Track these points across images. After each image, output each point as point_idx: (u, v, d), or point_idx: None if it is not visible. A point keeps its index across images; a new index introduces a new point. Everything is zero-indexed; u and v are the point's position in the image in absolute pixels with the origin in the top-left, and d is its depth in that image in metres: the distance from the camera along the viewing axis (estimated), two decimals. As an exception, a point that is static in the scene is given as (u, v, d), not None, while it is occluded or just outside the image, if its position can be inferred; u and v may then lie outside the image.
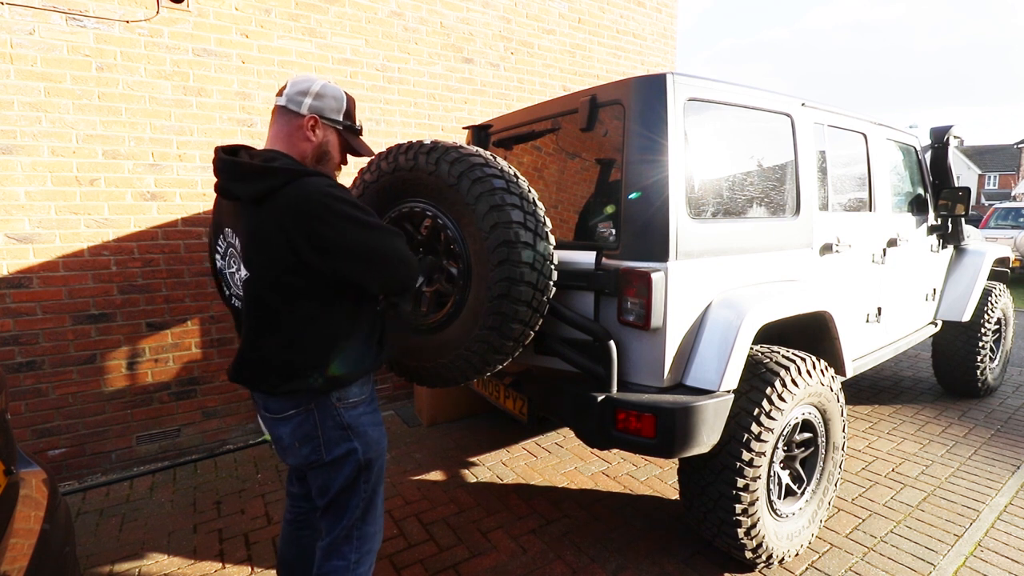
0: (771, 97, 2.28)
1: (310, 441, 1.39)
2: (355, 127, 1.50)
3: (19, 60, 2.59)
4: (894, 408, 3.84)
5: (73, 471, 2.86)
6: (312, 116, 1.39)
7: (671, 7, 5.28)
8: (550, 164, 2.46)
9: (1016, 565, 2.18)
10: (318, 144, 1.42)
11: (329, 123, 1.43)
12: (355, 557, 1.47)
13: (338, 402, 1.40)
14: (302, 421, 1.38)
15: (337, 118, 1.44)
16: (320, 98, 1.40)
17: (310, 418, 1.38)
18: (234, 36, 3.10)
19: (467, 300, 1.89)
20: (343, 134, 1.47)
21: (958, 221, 3.69)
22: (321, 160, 1.44)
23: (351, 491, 1.45)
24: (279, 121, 1.40)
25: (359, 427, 1.43)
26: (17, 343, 2.68)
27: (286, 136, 1.39)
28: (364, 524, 1.49)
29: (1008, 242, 9.30)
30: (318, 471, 1.43)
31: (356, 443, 1.42)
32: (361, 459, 1.44)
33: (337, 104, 1.43)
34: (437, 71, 3.89)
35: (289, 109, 1.38)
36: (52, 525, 1.25)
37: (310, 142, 1.40)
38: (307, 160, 1.40)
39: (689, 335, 1.96)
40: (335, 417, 1.39)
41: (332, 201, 1.25)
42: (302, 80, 1.41)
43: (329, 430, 1.39)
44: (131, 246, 2.92)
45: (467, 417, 3.71)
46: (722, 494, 1.95)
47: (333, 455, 1.40)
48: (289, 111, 1.39)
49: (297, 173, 1.26)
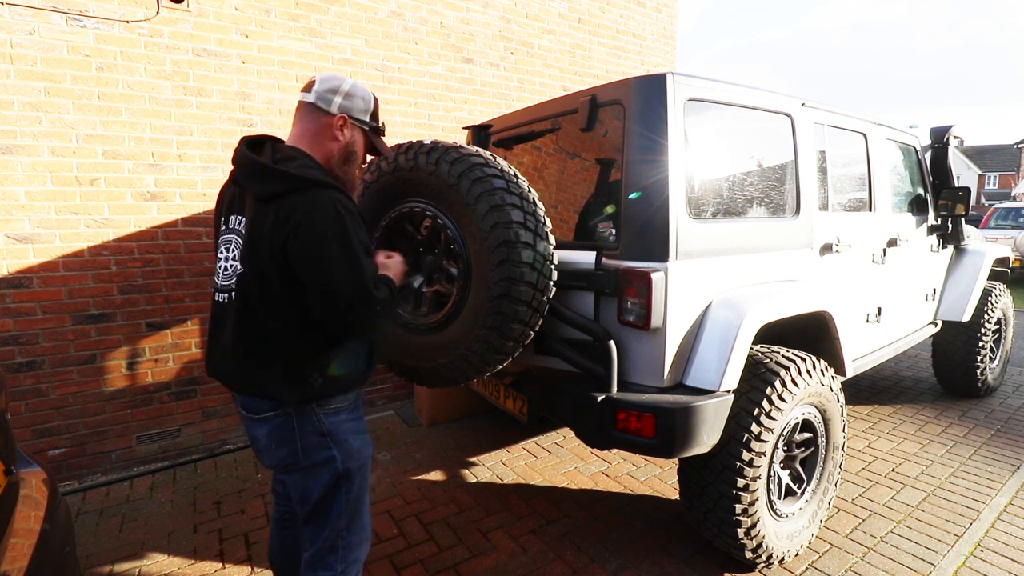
0: (771, 97, 2.28)
1: (286, 444, 1.34)
2: (380, 128, 1.49)
3: (19, 60, 2.59)
4: (894, 408, 3.84)
5: (73, 471, 2.86)
6: (342, 116, 1.37)
7: (671, 7, 5.28)
8: (550, 164, 2.46)
9: (1016, 565, 2.18)
10: (345, 144, 1.40)
11: (357, 123, 1.41)
12: (341, 567, 1.43)
13: (318, 407, 1.34)
14: (280, 424, 1.34)
15: (364, 118, 1.42)
16: (350, 98, 1.38)
17: (288, 421, 1.33)
18: (234, 36, 3.10)
19: (467, 300, 1.89)
20: (368, 134, 1.45)
21: (958, 221, 3.69)
22: (347, 160, 1.42)
23: (332, 500, 1.39)
24: (306, 118, 1.37)
25: (339, 434, 1.37)
26: (17, 343, 2.68)
27: (313, 134, 1.37)
28: (349, 534, 1.43)
29: (1008, 242, 9.30)
30: (295, 476, 1.39)
31: (335, 451, 1.36)
32: (340, 468, 1.38)
33: (365, 104, 1.42)
34: (437, 71, 3.89)
35: (318, 107, 1.36)
36: (52, 525, 1.25)
37: (338, 142, 1.38)
38: (333, 160, 1.39)
39: (689, 335, 1.96)
40: (314, 422, 1.34)
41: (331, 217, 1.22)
42: (332, 78, 1.38)
43: (307, 435, 1.34)
44: (131, 246, 2.92)
45: (467, 417, 3.71)
46: (722, 494, 1.95)
47: (311, 460, 1.35)
48: (318, 109, 1.36)
49: (309, 182, 1.24)
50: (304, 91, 1.39)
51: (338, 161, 1.40)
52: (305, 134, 1.37)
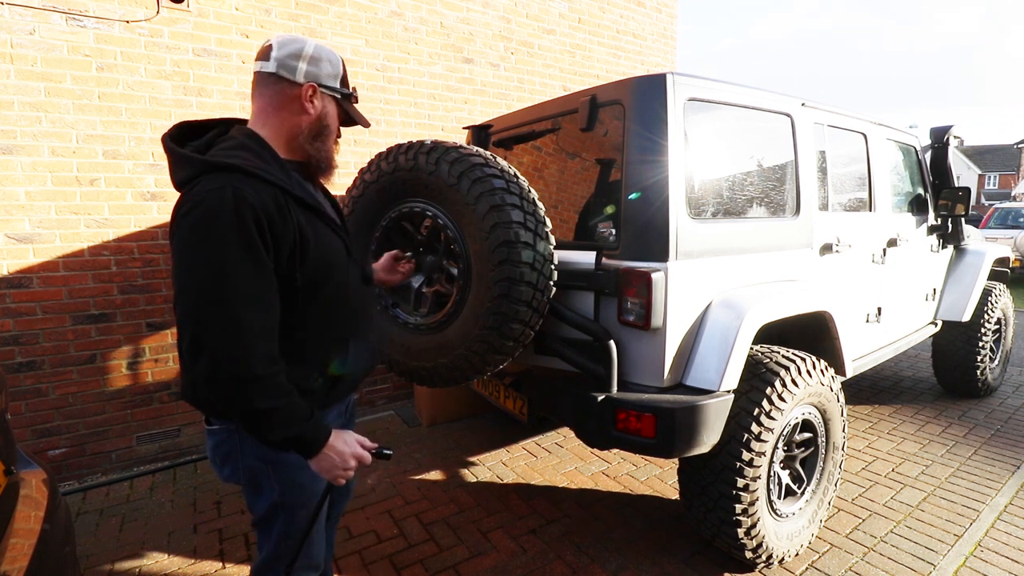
0: (771, 97, 2.28)
1: (228, 463, 1.21)
2: (353, 94, 1.27)
3: (19, 60, 2.59)
4: (894, 408, 3.84)
5: (73, 471, 2.86)
6: (310, 84, 1.16)
7: (671, 7, 5.28)
8: (550, 164, 2.46)
9: (1016, 565, 2.18)
10: (317, 117, 1.19)
11: (327, 91, 1.20)
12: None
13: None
14: (223, 440, 1.19)
15: (335, 84, 1.22)
16: (315, 63, 1.17)
17: (231, 439, 1.18)
18: (234, 36, 3.10)
19: (467, 300, 1.89)
20: (341, 103, 1.25)
21: (958, 221, 3.69)
22: (319, 135, 1.21)
23: (270, 525, 1.24)
24: (266, 92, 1.16)
25: (281, 466, 1.18)
26: (17, 343, 2.68)
27: (276, 109, 1.16)
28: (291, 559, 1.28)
29: (1008, 242, 9.30)
30: (243, 487, 1.25)
31: (275, 482, 1.19)
32: (278, 501, 1.20)
33: (333, 69, 1.21)
34: (437, 71, 3.89)
35: (280, 76, 1.14)
36: (52, 525, 1.25)
37: (308, 115, 1.18)
38: (301, 136, 1.19)
39: (689, 335, 1.96)
40: (256, 447, 1.17)
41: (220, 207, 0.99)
42: (291, 41, 1.16)
43: (247, 457, 1.18)
44: (131, 246, 2.92)
45: (467, 417, 3.71)
46: (722, 494, 1.95)
47: (251, 484, 1.22)
48: (281, 79, 1.15)
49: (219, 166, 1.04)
50: (260, 59, 1.16)
51: (308, 137, 1.19)
52: (266, 109, 1.16)
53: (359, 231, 2.14)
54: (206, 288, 0.99)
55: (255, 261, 1.02)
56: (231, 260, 0.99)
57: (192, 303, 1.00)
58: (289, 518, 1.23)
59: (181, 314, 1.01)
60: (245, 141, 1.12)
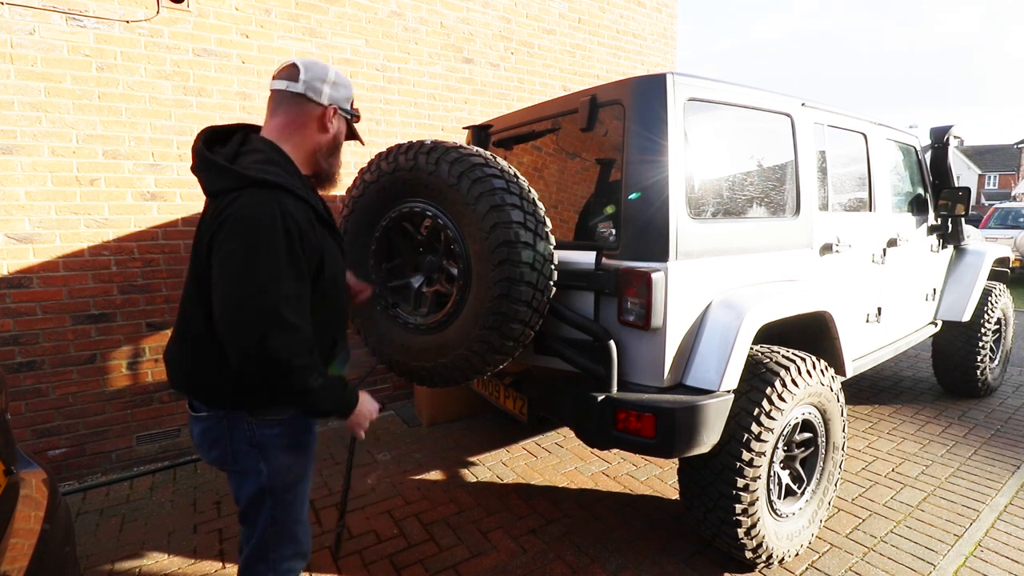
0: (771, 97, 2.28)
1: (217, 447, 1.30)
2: (357, 115, 1.43)
3: (19, 60, 2.59)
4: (894, 408, 3.84)
5: (73, 471, 2.86)
6: (332, 106, 1.31)
7: (671, 7, 5.28)
8: (550, 164, 2.46)
9: (1016, 565, 2.18)
10: (334, 135, 1.34)
11: (343, 113, 1.36)
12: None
13: (251, 417, 1.28)
14: (213, 425, 1.29)
15: (348, 107, 1.37)
16: (336, 87, 1.32)
17: (220, 424, 1.28)
18: (234, 36, 3.10)
19: (467, 300, 1.89)
20: (350, 124, 1.40)
21: (958, 221, 3.69)
22: (334, 152, 1.37)
23: (257, 512, 1.33)
24: (291, 110, 1.28)
25: (269, 449, 1.30)
26: (17, 343, 2.68)
27: (299, 126, 1.29)
28: (279, 545, 1.36)
29: (1008, 242, 9.30)
30: (229, 475, 1.34)
31: (262, 465, 1.29)
32: (264, 484, 1.30)
33: (348, 93, 1.36)
34: (437, 71, 3.89)
35: (307, 97, 1.27)
36: (52, 525, 1.25)
37: (328, 133, 1.32)
38: (319, 152, 1.33)
39: (689, 335, 1.96)
40: (245, 431, 1.28)
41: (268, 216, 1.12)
42: (316, 65, 1.29)
43: (237, 442, 1.29)
44: (131, 246, 2.92)
45: (467, 417, 3.71)
46: (722, 494, 1.95)
47: (239, 466, 1.31)
48: (307, 99, 1.28)
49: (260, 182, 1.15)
50: (282, 78, 1.28)
51: (325, 153, 1.34)
52: (289, 126, 1.28)
53: (359, 231, 2.14)
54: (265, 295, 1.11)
55: (297, 271, 1.16)
56: (283, 269, 1.13)
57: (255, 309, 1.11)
58: (274, 503, 1.32)
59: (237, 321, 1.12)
60: (274, 156, 1.23)
